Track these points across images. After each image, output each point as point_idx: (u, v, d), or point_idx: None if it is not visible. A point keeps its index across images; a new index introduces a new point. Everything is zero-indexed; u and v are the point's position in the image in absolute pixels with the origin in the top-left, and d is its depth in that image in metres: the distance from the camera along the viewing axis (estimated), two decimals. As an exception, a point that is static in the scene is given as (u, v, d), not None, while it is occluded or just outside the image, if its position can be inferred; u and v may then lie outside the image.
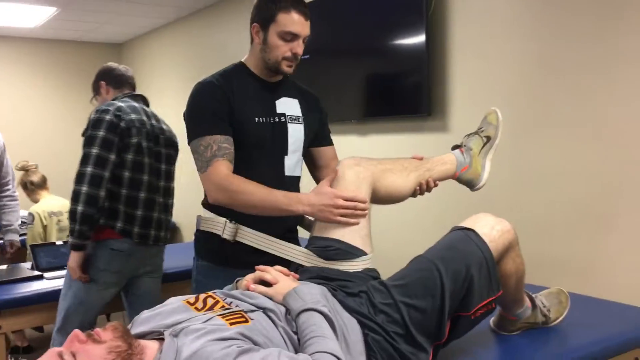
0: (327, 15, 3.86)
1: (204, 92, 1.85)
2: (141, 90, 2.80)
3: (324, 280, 1.54)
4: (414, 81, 3.28)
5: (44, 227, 3.87)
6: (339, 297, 1.47)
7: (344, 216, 1.66)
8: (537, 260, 2.53)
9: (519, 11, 2.84)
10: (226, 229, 1.81)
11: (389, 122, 3.59)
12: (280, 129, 1.90)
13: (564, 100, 2.66)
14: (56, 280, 2.81)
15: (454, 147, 1.96)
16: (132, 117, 2.44)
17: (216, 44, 5.12)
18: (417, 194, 1.86)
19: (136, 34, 6.67)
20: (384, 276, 1.63)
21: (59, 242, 3.17)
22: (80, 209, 2.30)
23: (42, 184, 4.05)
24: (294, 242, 1.85)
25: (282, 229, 1.89)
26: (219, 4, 5.16)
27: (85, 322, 2.44)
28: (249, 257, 1.77)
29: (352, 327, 1.41)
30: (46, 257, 3.02)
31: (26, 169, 4.04)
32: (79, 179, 2.32)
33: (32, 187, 4.02)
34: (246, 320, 1.27)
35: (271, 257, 1.75)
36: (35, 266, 2.99)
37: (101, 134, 2.35)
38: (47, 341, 2.81)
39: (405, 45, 3.32)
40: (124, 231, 2.43)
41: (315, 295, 1.37)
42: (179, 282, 2.94)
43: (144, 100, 2.67)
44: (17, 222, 3.58)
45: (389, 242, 3.03)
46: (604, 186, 2.54)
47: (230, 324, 1.24)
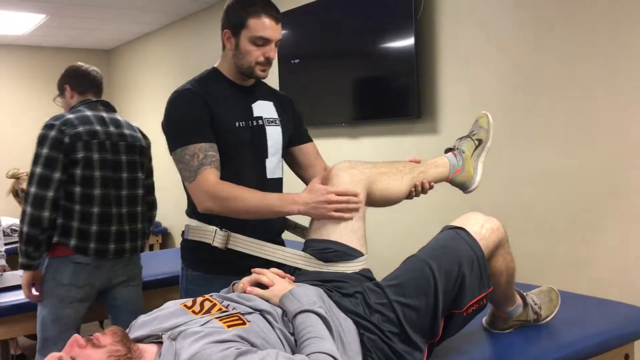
0: (316, 19, 3.88)
1: (183, 100, 1.83)
2: (129, 95, 2.74)
3: (320, 281, 1.55)
4: (404, 84, 3.31)
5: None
6: (335, 298, 1.49)
7: (338, 211, 1.67)
8: (528, 258, 2.56)
9: (507, 14, 2.87)
10: (216, 237, 1.78)
11: (379, 125, 3.61)
12: (259, 133, 1.90)
13: (553, 101, 2.69)
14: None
15: (447, 150, 1.99)
16: (79, 130, 2.34)
17: (204, 50, 5.13)
18: (413, 195, 1.86)
19: (124, 40, 6.66)
20: (378, 276, 1.64)
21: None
22: (25, 229, 2.27)
23: (33, 192, 4.01)
24: (282, 246, 1.84)
25: (271, 233, 1.89)
26: (207, 11, 5.18)
27: (65, 339, 2.36)
28: (243, 262, 1.74)
29: (348, 327, 1.42)
30: (38, 264, 2.99)
31: (17, 177, 4.01)
32: (25, 198, 2.30)
33: (23, 194, 3.99)
34: (243, 322, 1.29)
35: (264, 260, 1.74)
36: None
37: (44, 152, 2.29)
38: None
39: (394, 48, 3.34)
40: (77, 248, 2.35)
41: (311, 296, 1.38)
42: (169, 288, 2.94)
43: (106, 105, 2.54)
44: (1, 248, 3.57)
45: (383, 243, 3.04)
46: (594, 186, 2.58)
47: (227, 327, 1.25)
